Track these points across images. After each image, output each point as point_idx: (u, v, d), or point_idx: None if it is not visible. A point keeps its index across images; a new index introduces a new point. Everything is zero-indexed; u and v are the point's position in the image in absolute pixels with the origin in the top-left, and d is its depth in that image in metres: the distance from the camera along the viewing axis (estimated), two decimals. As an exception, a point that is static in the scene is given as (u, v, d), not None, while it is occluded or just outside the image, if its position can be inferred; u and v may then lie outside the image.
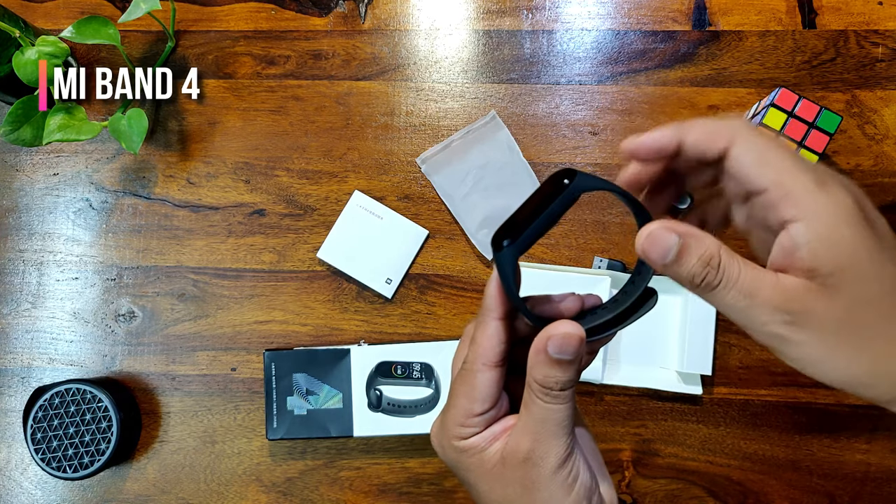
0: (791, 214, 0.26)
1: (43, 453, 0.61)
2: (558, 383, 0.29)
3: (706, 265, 0.27)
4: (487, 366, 0.31)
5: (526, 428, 0.31)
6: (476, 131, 0.67)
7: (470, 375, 0.32)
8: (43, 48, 0.61)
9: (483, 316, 0.31)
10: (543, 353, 0.29)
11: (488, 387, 0.31)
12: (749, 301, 0.27)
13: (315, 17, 0.70)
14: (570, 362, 0.29)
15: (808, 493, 0.63)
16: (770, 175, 0.27)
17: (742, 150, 0.28)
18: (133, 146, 0.62)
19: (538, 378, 0.30)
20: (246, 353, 0.67)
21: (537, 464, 0.30)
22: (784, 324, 0.27)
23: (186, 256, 0.68)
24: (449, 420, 0.33)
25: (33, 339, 0.68)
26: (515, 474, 0.31)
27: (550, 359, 0.29)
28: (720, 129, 0.28)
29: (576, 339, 0.29)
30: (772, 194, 0.27)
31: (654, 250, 0.27)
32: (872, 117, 0.66)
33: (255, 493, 0.65)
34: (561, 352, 0.29)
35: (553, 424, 0.30)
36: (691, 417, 0.64)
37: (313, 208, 0.68)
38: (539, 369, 0.29)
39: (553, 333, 0.29)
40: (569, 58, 0.68)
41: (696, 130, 0.29)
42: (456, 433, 0.32)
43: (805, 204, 0.26)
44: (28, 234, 0.69)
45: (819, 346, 0.27)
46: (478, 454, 0.32)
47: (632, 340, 0.64)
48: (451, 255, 0.67)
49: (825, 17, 0.67)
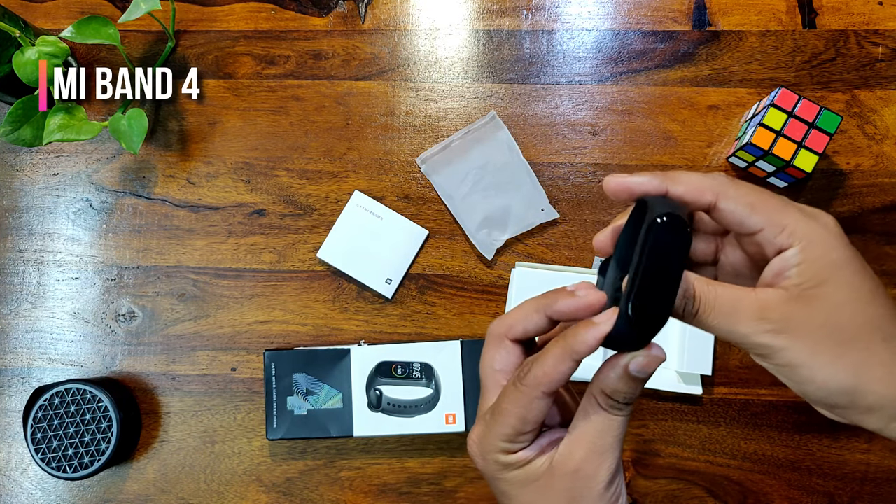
0: (787, 243, 0.29)
1: (43, 453, 0.61)
2: (626, 397, 0.31)
3: (682, 298, 0.29)
4: (546, 394, 0.31)
5: (583, 438, 0.31)
6: (476, 131, 0.67)
7: (527, 399, 0.31)
8: (43, 48, 0.61)
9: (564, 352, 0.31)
10: (623, 369, 0.30)
11: (542, 412, 0.32)
12: (730, 318, 0.29)
13: (315, 17, 0.70)
14: (643, 379, 0.31)
15: (807, 493, 0.63)
16: (762, 217, 0.30)
17: (731, 203, 0.30)
18: (133, 146, 0.62)
19: (608, 390, 0.31)
20: (246, 353, 0.67)
21: (589, 477, 0.31)
22: (765, 332, 0.29)
23: (186, 256, 0.68)
24: (495, 435, 0.32)
25: (33, 339, 0.68)
26: (563, 485, 0.31)
27: (630, 375, 0.30)
28: (705, 184, 0.30)
29: (660, 362, 0.30)
30: (767, 232, 0.30)
31: None
32: (872, 117, 0.66)
33: (255, 493, 0.65)
34: (642, 371, 0.30)
35: (610, 436, 0.31)
36: (691, 417, 0.64)
37: (313, 208, 0.68)
38: (612, 382, 0.30)
39: (639, 356, 0.30)
40: (569, 58, 0.68)
41: (682, 184, 0.30)
42: (502, 448, 0.32)
43: (800, 232, 0.29)
44: (28, 234, 0.69)
45: (800, 351, 0.28)
46: (523, 466, 0.32)
47: (632, 340, 0.64)
48: (451, 255, 0.67)
49: (825, 17, 0.67)
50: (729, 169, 0.66)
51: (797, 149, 0.60)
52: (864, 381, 0.29)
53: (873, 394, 0.29)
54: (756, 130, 0.61)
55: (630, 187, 0.31)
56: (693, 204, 0.31)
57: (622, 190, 0.31)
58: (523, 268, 0.64)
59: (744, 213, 0.30)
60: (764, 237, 0.30)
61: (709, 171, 0.67)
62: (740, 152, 0.63)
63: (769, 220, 0.30)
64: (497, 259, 0.66)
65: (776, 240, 0.29)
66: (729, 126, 0.67)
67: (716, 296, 0.29)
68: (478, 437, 0.34)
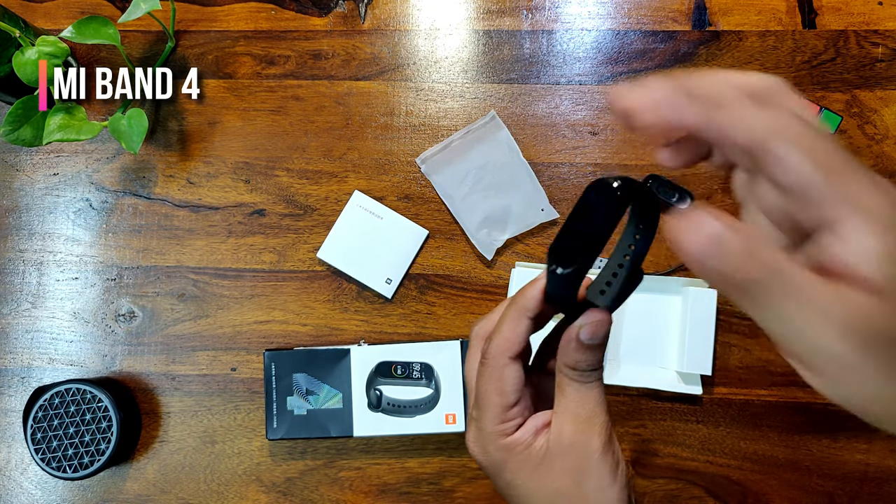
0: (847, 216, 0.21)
1: (43, 453, 0.61)
2: (589, 365, 0.31)
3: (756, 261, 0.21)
4: (513, 358, 0.33)
5: (565, 412, 0.32)
6: (476, 131, 0.67)
7: (496, 370, 0.33)
8: (43, 48, 0.61)
9: (516, 312, 0.33)
10: (575, 340, 0.31)
11: (516, 378, 0.33)
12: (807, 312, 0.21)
13: (315, 17, 0.70)
14: (599, 346, 0.31)
15: (807, 493, 0.63)
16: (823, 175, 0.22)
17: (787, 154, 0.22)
18: (133, 146, 0.62)
19: (569, 362, 0.32)
20: (246, 353, 0.67)
21: (584, 447, 0.32)
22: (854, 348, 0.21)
23: (186, 256, 0.68)
24: (486, 422, 0.33)
25: (33, 339, 0.68)
26: (564, 464, 0.32)
27: (582, 345, 0.31)
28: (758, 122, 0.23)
29: (606, 325, 0.31)
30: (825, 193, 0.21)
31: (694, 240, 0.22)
32: (872, 117, 0.66)
33: (255, 493, 0.65)
34: (592, 338, 0.31)
35: (589, 404, 0.32)
36: (691, 417, 0.64)
37: (313, 208, 0.68)
38: (571, 355, 0.31)
39: (585, 323, 0.31)
40: (569, 58, 0.68)
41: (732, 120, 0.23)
42: (498, 431, 0.33)
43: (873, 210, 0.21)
44: (28, 234, 0.69)
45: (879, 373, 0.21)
46: (525, 450, 0.33)
47: (631, 340, 0.64)
48: (451, 255, 0.67)
49: (825, 17, 0.67)
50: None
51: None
52: None
53: None
54: (756, 130, 0.61)
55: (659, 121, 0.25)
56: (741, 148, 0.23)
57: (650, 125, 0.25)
58: (523, 268, 0.64)
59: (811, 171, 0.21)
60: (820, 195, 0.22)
61: (709, 170, 0.66)
62: (740, 152, 0.63)
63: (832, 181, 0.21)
64: (497, 259, 0.66)
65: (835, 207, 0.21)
66: (729, 126, 0.67)
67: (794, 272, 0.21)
68: (473, 435, 0.35)
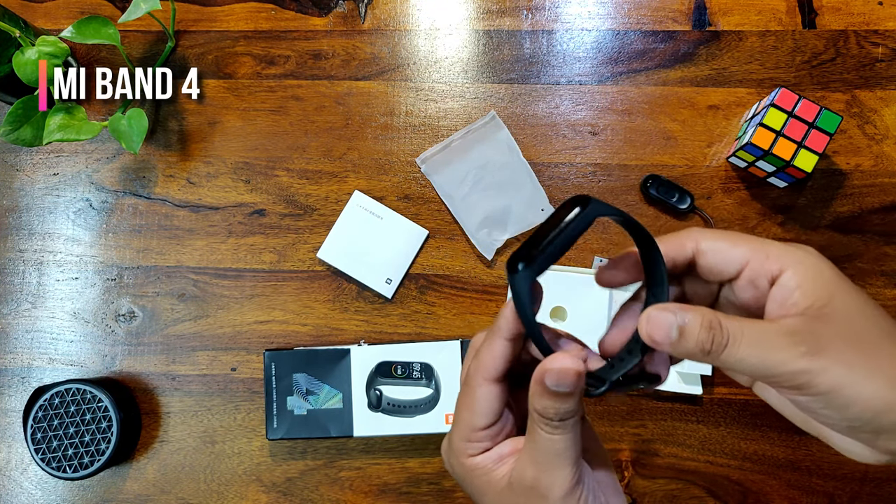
0: (777, 269, 0.29)
1: (43, 453, 0.61)
2: (557, 414, 0.29)
3: (710, 329, 0.28)
4: (487, 380, 0.31)
5: (530, 456, 0.31)
6: (476, 131, 0.67)
7: (470, 390, 0.32)
8: (43, 48, 0.61)
9: (492, 334, 0.31)
10: (541, 384, 0.29)
11: (489, 401, 0.31)
12: (761, 347, 0.28)
13: (315, 17, 0.70)
14: (567, 394, 0.29)
15: (807, 493, 0.63)
16: (744, 249, 0.30)
17: (711, 244, 0.31)
18: (133, 146, 0.62)
19: (538, 408, 0.30)
20: (246, 353, 0.67)
21: (543, 493, 0.31)
22: (801, 356, 0.27)
23: (186, 256, 0.68)
24: (455, 436, 0.33)
25: (33, 339, 0.68)
26: (522, 500, 0.31)
27: (547, 390, 0.29)
28: (683, 238, 0.31)
29: (573, 375, 0.28)
30: (753, 262, 0.30)
31: (658, 332, 0.28)
32: (872, 117, 0.66)
33: (255, 493, 0.65)
34: (558, 385, 0.28)
35: (554, 455, 0.30)
36: (691, 417, 0.64)
37: (313, 208, 0.68)
38: (538, 400, 0.29)
39: (549, 367, 0.29)
40: (569, 58, 0.68)
41: (663, 244, 0.31)
42: (462, 449, 0.33)
43: (786, 257, 0.29)
44: (28, 234, 0.69)
45: (840, 367, 0.27)
46: (486, 475, 0.32)
47: (632, 340, 0.64)
48: (451, 255, 0.67)
49: (825, 17, 0.67)
50: (729, 169, 0.66)
51: (797, 149, 0.60)
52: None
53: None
54: (756, 130, 0.61)
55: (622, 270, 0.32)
56: (680, 255, 0.31)
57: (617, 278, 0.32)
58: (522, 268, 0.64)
59: (725, 247, 0.30)
60: (752, 270, 0.30)
61: (709, 171, 0.67)
62: (740, 152, 0.63)
63: (752, 249, 0.30)
64: (497, 259, 0.66)
65: (765, 267, 0.29)
66: (729, 126, 0.67)
67: (741, 326, 0.28)
68: (445, 444, 0.35)
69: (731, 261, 0.30)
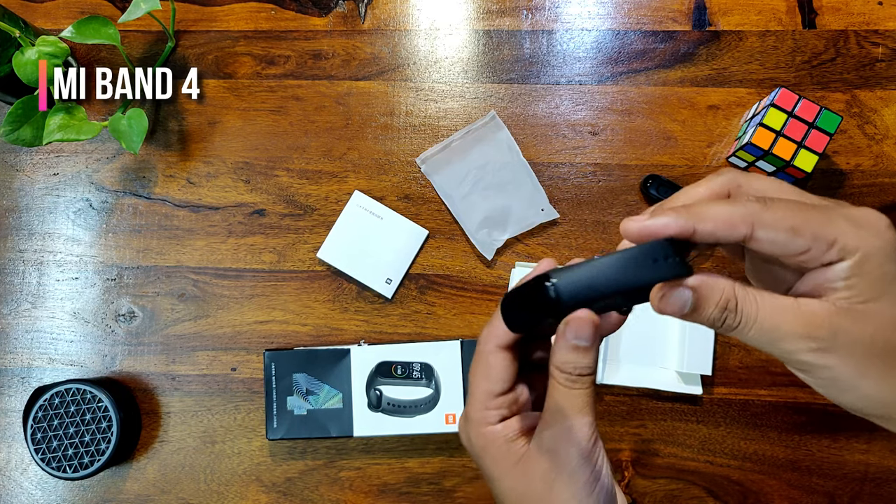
0: (836, 257, 0.27)
1: (43, 453, 0.61)
2: (576, 368, 0.31)
3: (724, 310, 0.27)
4: (500, 347, 0.33)
5: (548, 417, 0.32)
6: (476, 131, 0.67)
7: (483, 357, 0.33)
8: (43, 48, 0.61)
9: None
10: (563, 338, 0.30)
11: (503, 367, 0.33)
12: (771, 335, 0.27)
13: (315, 17, 0.70)
14: (587, 348, 0.30)
15: (807, 493, 0.63)
16: (807, 238, 0.27)
17: (770, 232, 0.27)
18: (133, 146, 0.62)
19: (558, 363, 0.31)
20: (246, 353, 0.67)
21: (560, 455, 0.31)
22: (810, 351, 0.27)
23: (186, 256, 0.68)
24: (472, 408, 0.33)
25: (33, 339, 0.68)
26: (539, 467, 0.32)
27: (570, 344, 0.30)
28: (736, 215, 0.27)
29: (590, 326, 0.29)
30: (814, 251, 0.27)
31: (671, 308, 0.28)
32: (872, 117, 0.66)
33: (255, 493, 0.65)
34: (577, 337, 0.30)
35: (573, 409, 0.31)
36: (691, 417, 0.64)
37: (313, 208, 0.68)
38: (560, 354, 0.31)
39: (570, 319, 0.30)
40: (569, 58, 0.68)
41: (709, 220, 0.27)
42: (481, 418, 0.33)
43: (850, 245, 0.26)
44: (28, 234, 0.69)
45: (847, 370, 0.27)
46: (504, 444, 0.33)
47: (632, 340, 0.64)
48: (451, 255, 0.67)
49: (825, 17, 0.67)
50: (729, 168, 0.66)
51: (797, 149, 0.60)
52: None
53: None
54: (756, 130, 0.61)
55: (653, 232, 0.28)
56: (726, 239, 0.27)
57: (645, 235, 0.28)
58: (523, 268, 0.64)
59: (786, 239, 0.27)
60: (810, 257, 0.27)
61: (709, 171, 0.67)
62: (740, 152, 0.63)
63: (815, 238, 0.27)
64: (497, 259, 0.66)
65: (825, 256, 0.27)
66: (729, 126, 0.67)
67: (757, 308, 0.27)
68: (462, 421, 0.35)
69: (789, 249, 0.27)
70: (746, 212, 0.27)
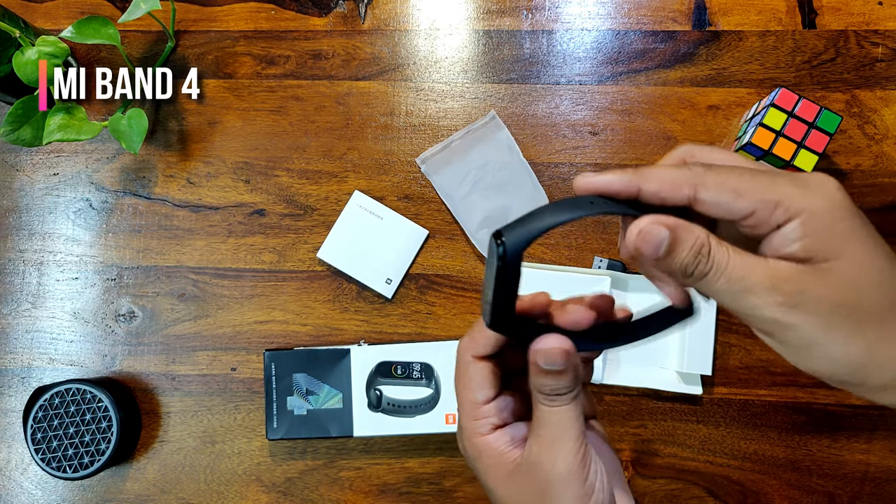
0: (784, 219, 0.27)
1: (43, 453, 0.61)
2: (554, 389, 0.30)
3: (697, 254, 0.27)
4: (477, 357, 0.33)
5: (534, 432, 0.32)
6: (476, 131, 0.67)
7: (463, 368, 0.33)
8: (43, 48, 0.61)
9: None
10: (534, 365, 0.30)
11: (483, 376, 0.32)
12: (739, 285, 0.27)
13: (315, 17, 0.70)
14: (561, 372, 0.30)
15: (807, 493, 0.63)
16: (749, 200, 0.27)
17: (712, 193, 0.27)
18: (133, 146, 0.62)
19: (535, 385, 0.31)
20: (246, 353, 0.67)
21: (546, 469, 0.31)
22: (777, 305, 0.26)
23: (186, 256, 0.68)
24: (463, 420, 0.33)
25: (33, 339, 0.68)
26: (528, 481, 0.31)
27: (541, 369, 0.30)
28: (680, 178, 0.28)
29: (559, 354, 0.29)
30: (760, 213, 0.27)
31: (647, 246, 0.27)
32: (872, 117, 0.66)
33: (255, 493, 0.65)
34: (549, 364, 0.30)
35: (555, 427, 0.31)
36: (691, 417, 0.64)
37: (313, 208, 0.68)
38: (534, 378, 0.31)
39: (538, 349, 0.30)
40: (569, 58, 0.68)
41: (653, 180, 0.28)
42: (472, 428, 0.33)
43: (796, 206, 0.27)
44: (28, 234, 0.69)
45: (813, 328, 0.27)
46: (497, 455, 0.32)
47: (632, 340, 0.64)
48: (451, 255, 0.67)
49: (825, 17, 0.67)
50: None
51: (797, 149, 0.60)
52: (878, 358, 0.27)
53: (889, 371, 0.27)
54: (756, 130, 0.61)
55: (598, 187, 0.29)
56: (671, 200, 0.28)
57: (591, 190, 0.29)
58: (523, 268, 0.64)
59: (728, 199, 0.27)
60: (757, 218, 0.27)
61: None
62: (740, 152, 0.63)
63: (759, 200, 0.27)
64: (497, 259, 0.66)
65: (772, 218, 0.27)
66: (729, 126, 0.67)
67: (728, 258, 0.27)
68: (458, 431, 0.35)
69: (734, 212, 0.28)
70: (691, 175, 0.28)
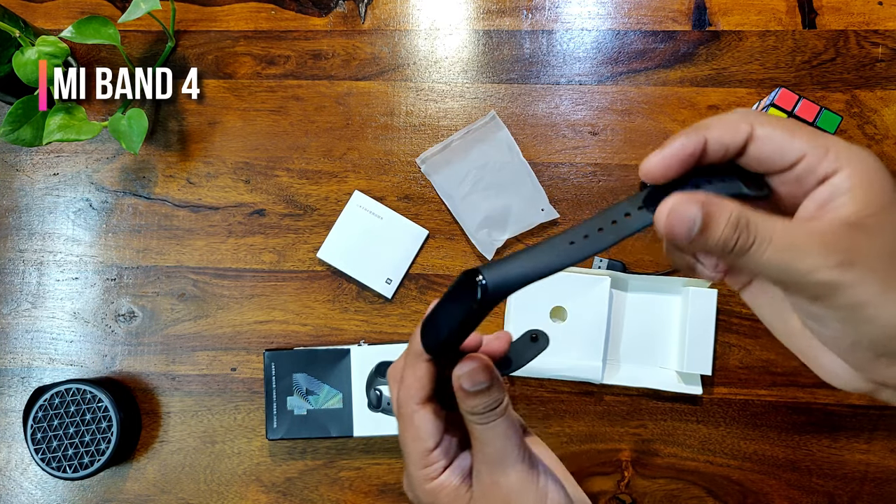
0: (833, 168, 0.26)
1: (43, 453, 0.61)
2: (486, 407, 0.31)
3: (735, 228, 0.25)
4: (420, 404, 0.33)
5: (478, 454, 0.32)
6: (476, 131, 0.67)
7: (408, 417, 0.33)
8: (43, 48, 0.61)
9: (412, 358, 0.33)
10: (461, 390, 0.31)
11: (429, 422, 0.33)
12: (790, 253, 0.25)
13: (315, 17, 0.70)
14: (487, 389, 0.31)
15: (807, 493, 0.63)
16: (803, 142, 0.26)
17: (768, 131, 0.27)
18: (133, 146, 0.62)
19: (467, 409, 0.32)
20: (246, 353, 0.67)
21: (501, 486, 0.32)
22: (834, 267, 0.25)
23: (186, 256, 0.68)
24: (410, 469, 0.34)
25: (33, 339, 0.68)
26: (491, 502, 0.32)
27: (469, 393, 0.31)
28: (735, 118, 0.27)
29: (483, 373, 0.31)
30: (811, 157, 0.26)
31: (679, 225, 0.25)
32: (872, 117, 0.66)
33: (255, 493, 0.65)
34: (475, 385, 0.31)
35: (497, 442, 0.32)
36: (691, 417, 0.64)
37: (313, 208, 0.68)
38: (463, 403, 0.32)
39: (461, 374, 0.31)
40: (569, 58, 0.68)
41: (713, 128, 0.27)
42: (423, 476, 0.33)
43: (847, 156, 0.26)
44: (28, 234, 0.69)
45: (871, 286, 0.25)
46: (453, 492, 0.33)
47: (632, 340, 0.64)
48: (451, 255, 0.67)
49: (825, 17, 0.67)
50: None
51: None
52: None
53: None
54: (756, 130, 0.61)
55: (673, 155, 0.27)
56: (732, 141, 0.27)
57: (669, 167, 0.27)
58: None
59: (783, 137, 0.26)
60: (806, 165, 0.26)
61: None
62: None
63: (812, 143, 0.26)
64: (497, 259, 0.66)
65: (821, 165, 0.26)
66: (729, 126, 0.67)
67: (772, 227, 0.25)
68: (405, 480, 0.35)
69: (786, 152, 0.27)
70: (747, 114, 0.27)
